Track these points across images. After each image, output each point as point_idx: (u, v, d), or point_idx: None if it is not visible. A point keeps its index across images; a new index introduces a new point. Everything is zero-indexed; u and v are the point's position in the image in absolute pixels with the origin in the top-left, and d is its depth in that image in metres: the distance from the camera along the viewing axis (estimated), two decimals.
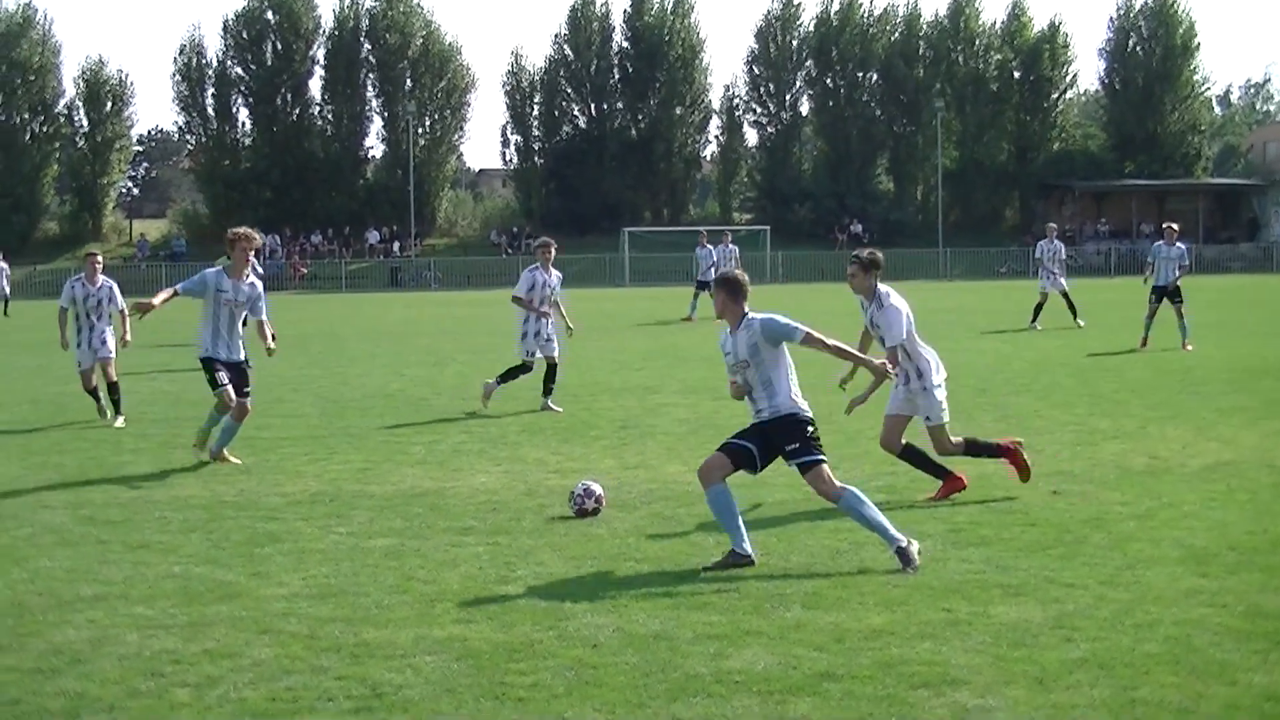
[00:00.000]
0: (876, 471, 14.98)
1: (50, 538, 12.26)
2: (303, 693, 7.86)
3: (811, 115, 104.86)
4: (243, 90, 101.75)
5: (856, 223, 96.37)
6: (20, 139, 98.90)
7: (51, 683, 8.12)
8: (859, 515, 10.88)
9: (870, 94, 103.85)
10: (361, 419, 20.18)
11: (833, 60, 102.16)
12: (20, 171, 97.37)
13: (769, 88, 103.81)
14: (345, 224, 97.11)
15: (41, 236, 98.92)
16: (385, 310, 55.73)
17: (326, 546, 11.67)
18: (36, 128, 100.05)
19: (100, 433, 19.18)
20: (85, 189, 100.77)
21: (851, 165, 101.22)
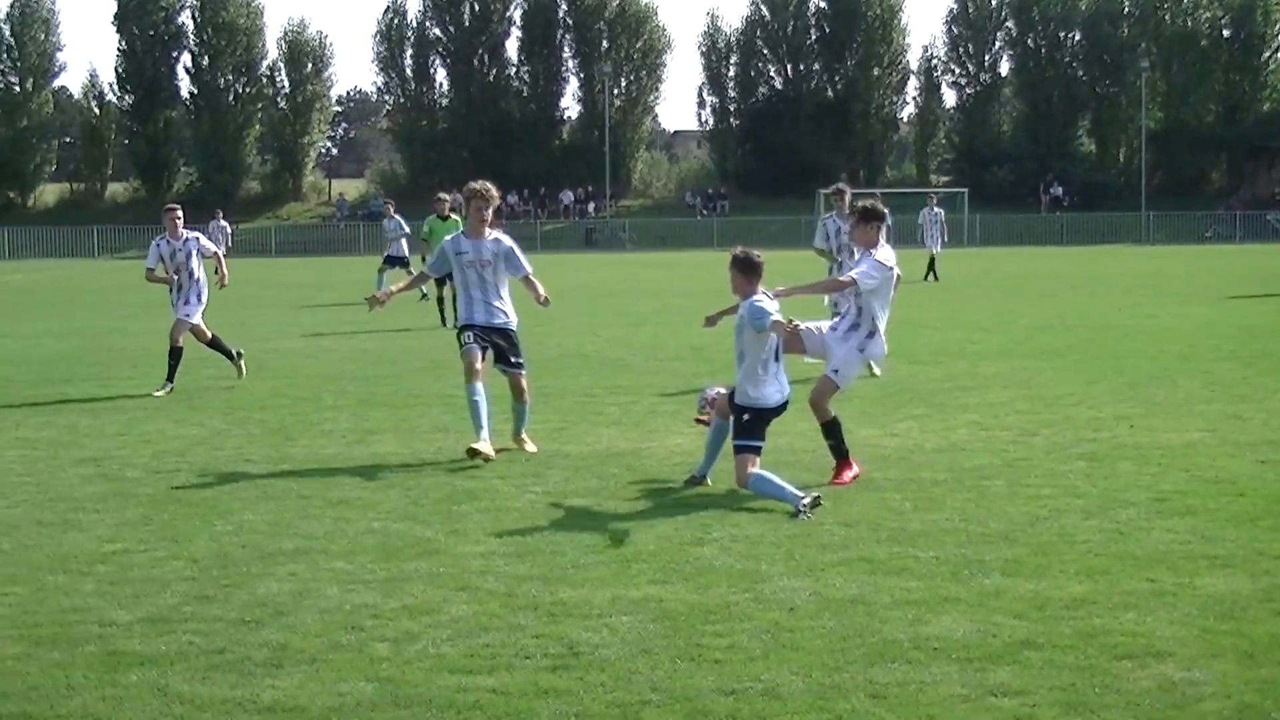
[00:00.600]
0: (1078, 438, 14.67)
1: (253, 492, 12.47)
2: (500, 650, 7.89)
3: (1011, 76, 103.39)
4: (440, 51, 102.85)
5: (1057, 185, 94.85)
6: (224, 100, 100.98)
7: (255, 634, 8.25)
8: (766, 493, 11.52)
9: (1072, 54, 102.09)
10: (557, 379, 20.26)
11: (1034, 19, 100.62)
12: (225, 131, 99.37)
13: (968, 48, 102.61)
14: (540, 185, 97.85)
15: (244, 196, 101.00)
16: (579, 271, 56.00)
17: (523, 505, 11.72)
18: (240, 89, 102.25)
19: (301, 389, 19.48)
20: (286, 149, 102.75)
21: (1052, 126, 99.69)
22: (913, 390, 18.51)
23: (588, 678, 7.43)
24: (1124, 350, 22.90)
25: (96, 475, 13.32)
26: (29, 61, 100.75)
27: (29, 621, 8.53)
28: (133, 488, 12.71)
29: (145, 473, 13.43)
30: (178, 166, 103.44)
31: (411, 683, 7.38)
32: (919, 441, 14.59)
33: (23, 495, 12.43)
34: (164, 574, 9.60)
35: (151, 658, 7.83)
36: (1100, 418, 15.95)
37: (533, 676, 7.45)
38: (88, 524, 11.22)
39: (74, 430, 16.16)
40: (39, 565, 9.89)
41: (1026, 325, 26.85)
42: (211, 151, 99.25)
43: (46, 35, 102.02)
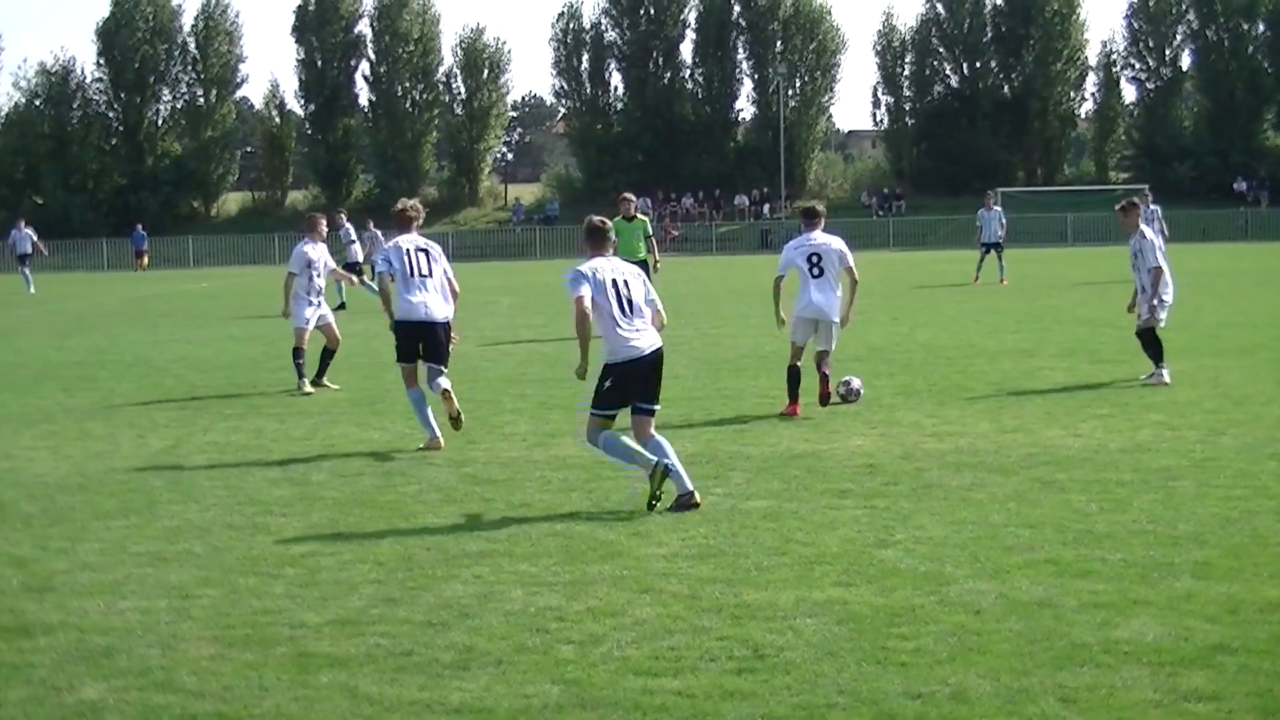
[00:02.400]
0: (1270, 437, 14.35)
1: (436, 495, 12.60)
2: (685, 652, 7.89)
3: (1193, 69, 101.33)
4: (616, 55, 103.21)
5: (1241, 180, 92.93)
6: (402, 107, 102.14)
7: (442, 635, 8.33)
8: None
9: (1256, 45, 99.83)
10: (735, 380, 20.25)
11: (1216, 11, 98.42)
12: (403, 138, 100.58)
13: (1148, 42, 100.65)
14: (715, 186, 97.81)
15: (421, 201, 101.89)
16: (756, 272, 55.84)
17: (705, 507, 11.70)
18: (417, 95, 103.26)
19: (481, 392, 19.64)
20: (463, 154, 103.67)
21: (1236, 120, 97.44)
22: (1097, 390, 18.24)
23: (773, 680, 7.41)
24: None
25: (283, 479, 13.54)
26: (213, 73, 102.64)
27: (222, 623, 8.70)
28: (318, 491, 12.91)
29: (330, 476, 13.64)
30: (356, 174, 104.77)
31: (597, 685, 7.41)
32: (1104, 442, 14.36)
33: (213, 499, 12.67)
34: (351, 577, 9.73)
35: (341, 659, 7.94)
36: None
37: (718, 679, 7.44)
38: (276, 527, 11.42)
39: (260, 434, 16.45)
40: (230, 568, 10.07)
41: (1212, 322, 26.34)
42: (389, 158, 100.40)
43: (229, 47, 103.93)
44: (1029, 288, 40.29)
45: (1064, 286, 40.60)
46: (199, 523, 11.68)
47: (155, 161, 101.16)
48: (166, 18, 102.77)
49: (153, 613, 8.98)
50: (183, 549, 10.73)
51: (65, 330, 34.16)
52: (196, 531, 11.33)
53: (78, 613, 9.02)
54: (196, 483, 13.46)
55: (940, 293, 39.34)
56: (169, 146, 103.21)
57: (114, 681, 7.69)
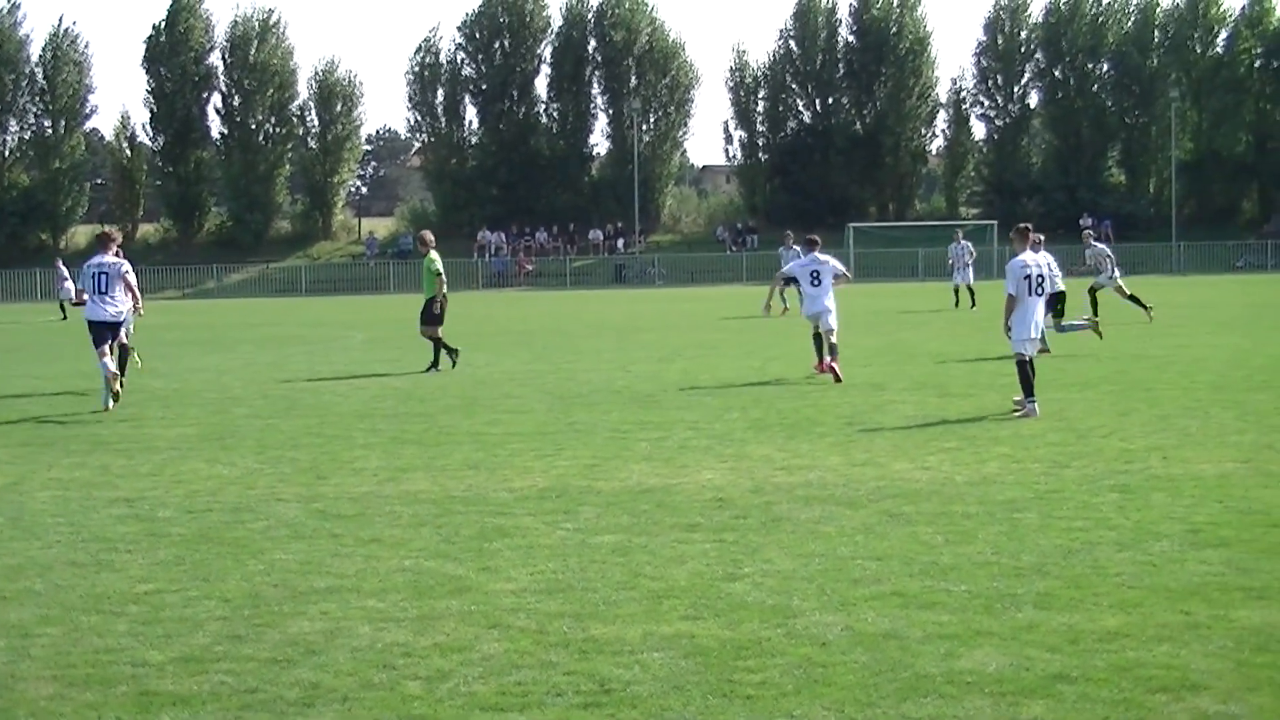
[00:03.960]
0: (1110, 469, 14.62)
1: (284, 531, 12.49)
2: (532, 687, 7.89)
3: (1040, 107, 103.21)
4: (471, 90, 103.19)
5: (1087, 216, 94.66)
6: (255, 140, 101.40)
7: (288, 673, 8.26)
8: None
9: (1101, 85, 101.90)
10: (588, 414, 20.27)
11: (1063, 51, 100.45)
12: (256, 171, 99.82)
13: (997, 80, 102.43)
14: (570, 221, 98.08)
15: (274, 235, 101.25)
16: (610, 306, 56.09)
17: (554, 542, 11.71)
18: (271, 128, 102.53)
19: (333, 427, 19.52)
20: (316, 188, 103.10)
21: (1082, 158, 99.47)
22: (945, 424, 18.47)
23: (620, 714, 7.43)
24: (1156, 381, 22.81)
25: (129, 515, 13.35)
26: (61, 103, 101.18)
27: (63, 662, 8.56)
28: (165, 527, 12.74)
29: (178, 512, 13.47)
30: (209, 206, 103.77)
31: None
32: (950, 474, 14.55)
33: (56, 536, 12.47)
34: (196, 614, 9.62)
35: (184, 698, 7.84)
36: (1132, 449, 15.90)
37: (565, 714, 7.45)
38: (121, 564, 11.26)
39: (107, 470, 16.21)
40: (73, 606, 9.92)
41: (1057, 356, 26.76)
42: (242, 191, 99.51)
43: (78, 77, 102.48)
44: (879, 322, 40.74)
45: (914, 321, 41.08)
46: (41, 560, 11.48)
47: (2, 193, 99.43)
48: (13, 47, 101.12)
49: None
50: (23, 587, 10.55)
51: None
52: (38, 569, 11.14)
53: None
54: (39, 519, 13.23)
55: (792, 326, 39.65)
56: (16, 178, 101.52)
57: None
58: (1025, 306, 19.39)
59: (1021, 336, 19.33)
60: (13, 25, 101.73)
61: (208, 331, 45.80)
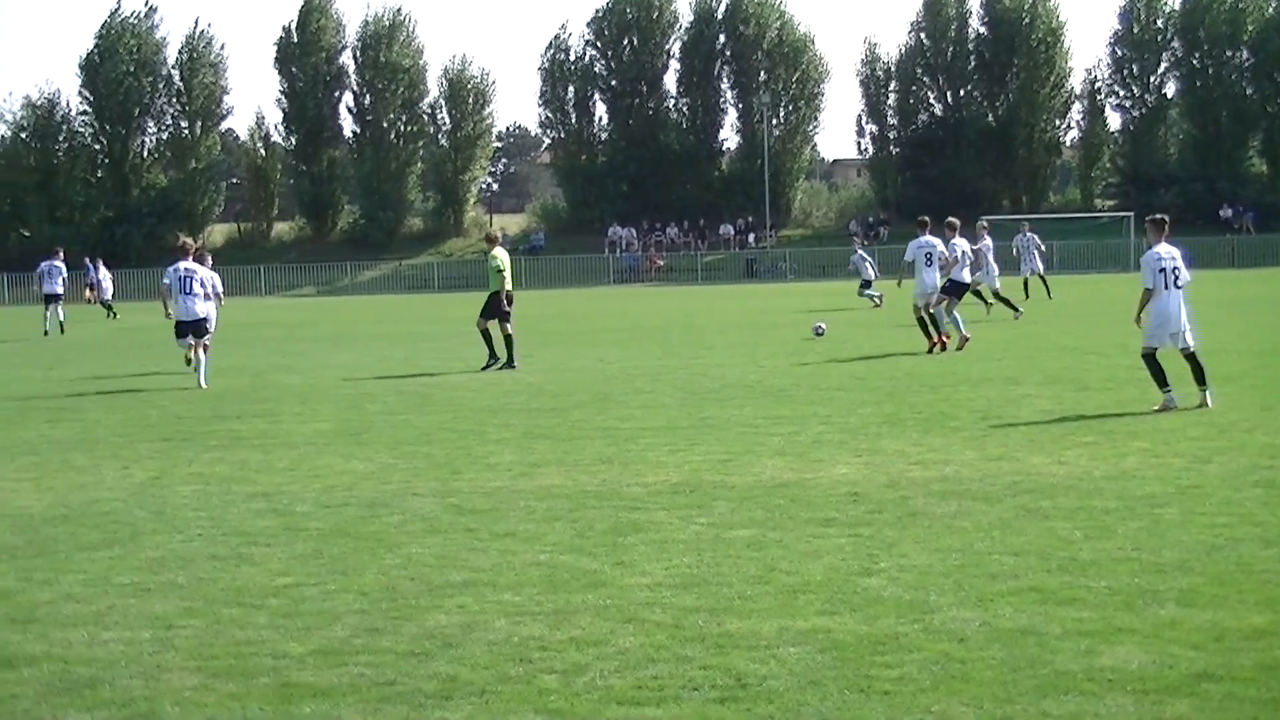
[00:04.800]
0: (1253, 464, 14.38)
1: (420, 525, 12.59)
2: (668, 681, 7.89)
3: (1178, 97, 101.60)
4: (601, 86, 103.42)
5: (1227, 207, 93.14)
6: (387, 138, 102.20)
7: (425, 665, 8.32)
8: None
9: (1241, 73, 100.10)
10: (720, 409, 20.25)
11: (1200, 39, 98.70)
12: (387, 169, 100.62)
13: (1132, 70, 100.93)
14: (700, 216, 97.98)
15: (406, 233, 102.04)
16: (741, 301, 56.00)
17: (689, 537, 11.71)
18: (402, 126, 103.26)
19: (466, 422, 19.63)
20: (448, 185, 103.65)
21: (1221, 148, 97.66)
22: (1082, 418, 18.26)
23: (756, 709, 7.41)
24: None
25: (268, 510, 13.52)
26: (197, 104, 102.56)
27: (206, 653, 8.69)
28: (302, 522, 12.89)
29: (315, 507, 13.62)
30: (342, 204, 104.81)
31: (580, 714, 7.41)
32: (1088, 469, 14.38)
33: (197, 529, 12.66)
34: (335, 607, 9.72)
35: (324, 689, 7.93)
36: (1276, 444, 15.63)
37: (700, 708, 7.44)
38: (260, 558, 11.40)
39: (245, 466, 16.42)
40: (214, 598, 10.06)
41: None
42: (374, 189, 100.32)
43: (214, 79, 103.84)
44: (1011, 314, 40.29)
45: (1049, 314, 40.63)
46: (183, 553, 11.66)
47: (140, 194, 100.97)
48: (150, 50, 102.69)
49: (136, 643, 8.96)
50: (166, 580, 10.71)
51: (49, 362, 34.10)
52: (180, 562, 11.31)
53: (61, 644, 9.01)
54: (180, 514, 13.44)
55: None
56: (154, 178, 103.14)
57: (97, 713, 7.68)
58: (1163, 300, 19.10)
59: (1157, 330, 19.05)
60: (150, 29, 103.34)
61: (341, 328, 46.23)
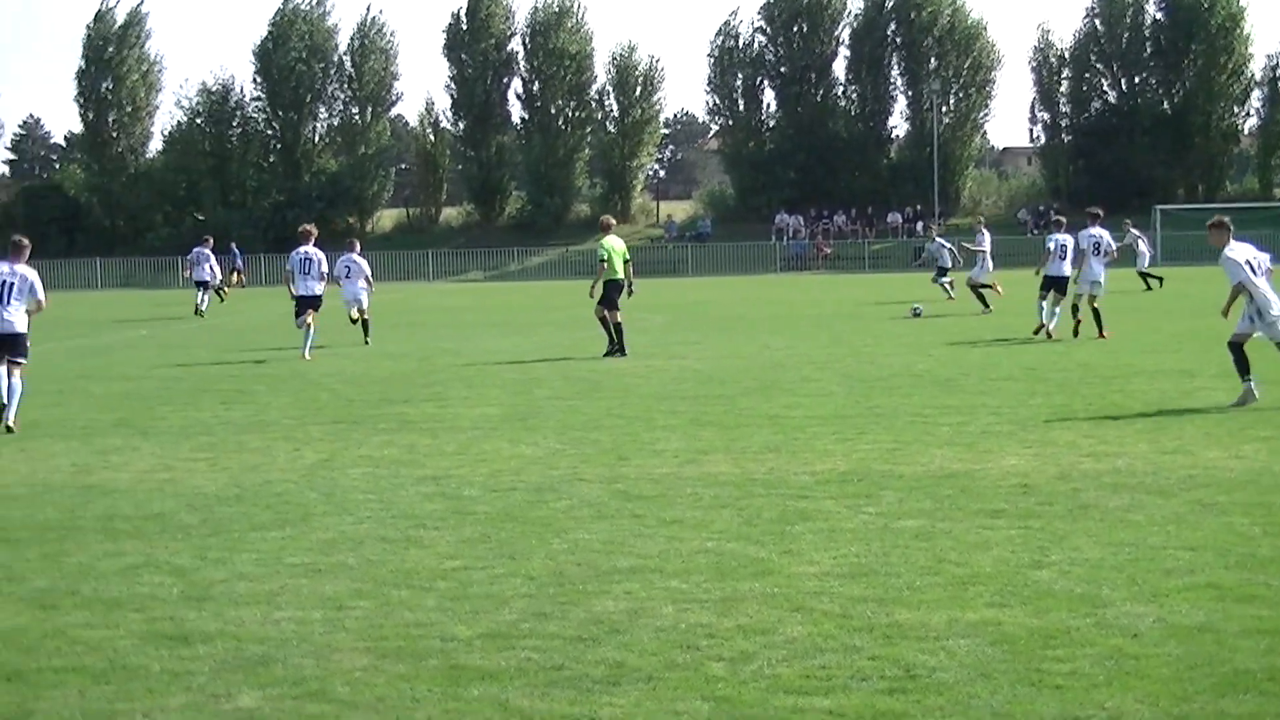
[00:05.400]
0: None
1: (587, 511, 12.62)
2: (836, 671, 7.83)
3: None
4: (770, 73, 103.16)
5: None
6: (555, 124, 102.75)
7: (592, 651, 8.33)
8: None
9: None
10: (888, 398, 20.10)
11: None
12: (555, 155, 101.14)
13: None
14: (868, 204, 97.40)
15: (573, 219, 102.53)
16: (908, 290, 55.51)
17: (856, 526, 11.63)
18: (570, 113, 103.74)
19: (633, 408, 19.67)
20: (615, 171, 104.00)
21: None
22: (1259, 411, 17.88)
23: (925, 701, 7.33)
24: None
25: (436, 493, 13.64)
26: (368, 90, 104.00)
27: (375, 635, 8.77)
28: (470, 505, 12.98)
29: (482, 491, 13.71)
30: (509, 190, 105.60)
31: (747, 703, 7.37)
32: (1267, 464, 14.06)
33: (367, 512, 12.79)
34: (502, 591, 9.77)
35: (492, 673, 7.96)
36: None
37: (869, 699, 7.37)
38: (429, 541, 11.49)
39: (414, 449, 16.58)
40: (384, 580, 10.16)
41: None
42: (542, 175, 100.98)
43: (384, 65, 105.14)
44: (1191, 307, 39.62)
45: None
46: (353, 535, 11.79)
47: (311, 179, 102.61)
48: (322, 37, 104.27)
49: (307, 623, 9.07)
50: (337, 561, 10.84)
51: (223, 344, 34.69)
52: (350, 544, 11.44)
53: (235, 622, 9.15)
54: (350, 496, 13.60)
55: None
56: (325, 164, 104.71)
57: (270, 690, 7.78)
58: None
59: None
60: (322, 16, 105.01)
61: (509, 313, 46.56)
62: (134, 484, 14.66)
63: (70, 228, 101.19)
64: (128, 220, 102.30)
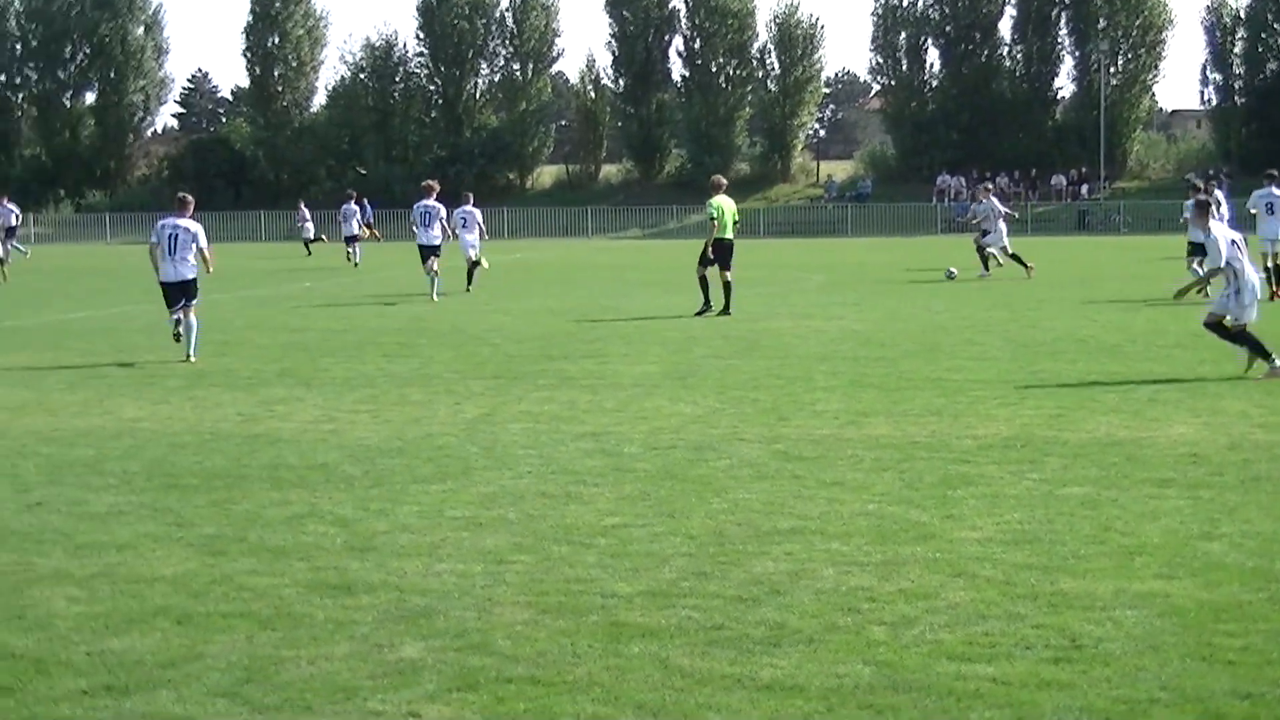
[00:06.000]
0: None
1: (747, 471, 12.57)
2: (999, 639, 7.72)
3: None
4: (934, 32, 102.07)
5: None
6: (715, 82, 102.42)
7: (753, 611, 8.29)
8: None
9: None
10: (1052, 363, 19.82)
11: None
12: (715, 114, 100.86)
13: None
14: (1032, 165, 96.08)
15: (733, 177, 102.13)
16: (1072, 253, 54.81)
17: (1019, 492, 11.47)
18: (731, 71, 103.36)
19: (792, 368, 19.57)
20: (775, 131, 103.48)
21: None
22: None
23: (1091, 672, 7.20)
24: None
25: (596, 450, 13.66)
26: (529, 47, 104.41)
27: (536, 589, 8.80)
28: (630, 463, 12.99)
29: (642, 449, 13.71)
30: (669, 148, 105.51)
31: (909, 668, 7.30)
32: None
33: (527, 467, 12.85)
34: (662, 549, 9.76)
35: (652, 630, 7.96)
36: None
37: (1034, 667, 7.27)
38: (588, 497, 11.52)
39: (573, 405, 16.62)
40: (544, 535, 10.20)
41: None
42: (702, 134, 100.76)
43: (546, 21, 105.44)
44: None
45: None
46: (513, 490, 11.85)
47: (472, 134, 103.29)
48: None
49: (469, 576, 9.13)
50: (497, 515, 10.90)
51: (386, 298, 35.02)
52: (510, 498, 11.50)
53: (397, 573, 9.23)
54: (511, 451, 13.66)
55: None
56: (486, 119, 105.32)
57: (432, 641, 7.83)
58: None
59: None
60: None
61: (667, 272, 46.51)
62: (298, 434, 14.86)
63: (236, 181, 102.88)
64: (292, 174, 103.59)
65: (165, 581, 9.18)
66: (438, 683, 7.22)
